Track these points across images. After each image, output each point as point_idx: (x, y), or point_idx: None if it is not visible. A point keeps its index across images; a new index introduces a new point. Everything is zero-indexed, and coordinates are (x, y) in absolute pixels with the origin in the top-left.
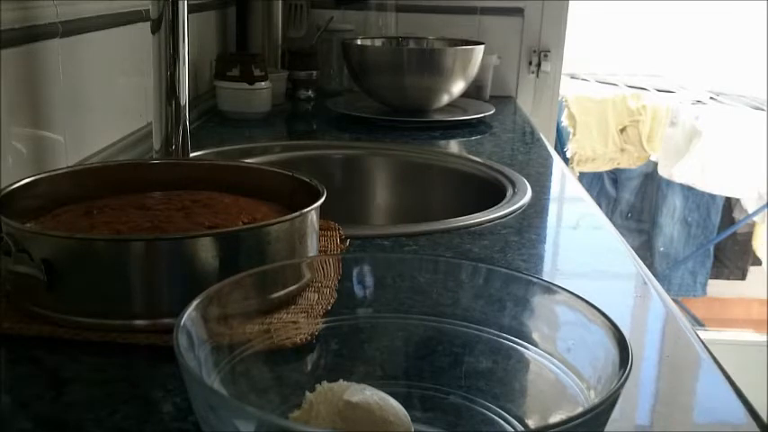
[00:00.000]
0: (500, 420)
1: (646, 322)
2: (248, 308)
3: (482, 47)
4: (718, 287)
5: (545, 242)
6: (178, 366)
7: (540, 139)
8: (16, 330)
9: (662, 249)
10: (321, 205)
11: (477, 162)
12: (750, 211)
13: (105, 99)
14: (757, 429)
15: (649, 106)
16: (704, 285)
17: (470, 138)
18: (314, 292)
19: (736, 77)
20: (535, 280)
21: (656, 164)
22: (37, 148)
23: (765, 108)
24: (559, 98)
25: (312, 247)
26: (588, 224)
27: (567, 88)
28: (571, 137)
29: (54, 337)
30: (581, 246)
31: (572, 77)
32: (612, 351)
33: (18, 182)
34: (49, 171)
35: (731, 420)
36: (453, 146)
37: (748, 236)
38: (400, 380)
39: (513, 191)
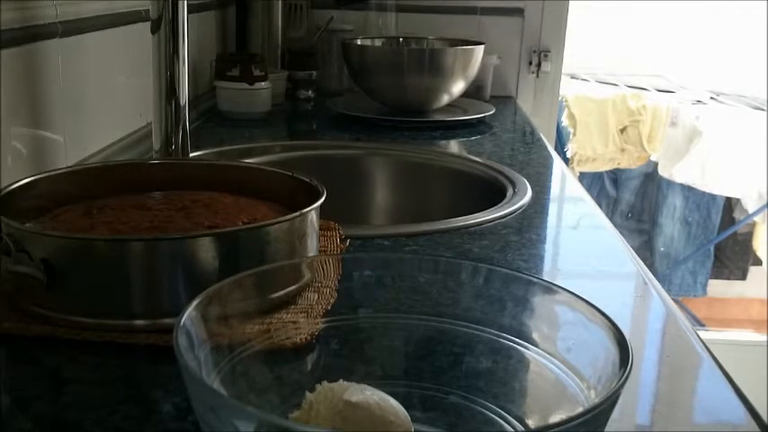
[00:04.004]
0: (500, 420)
1: (646, 322)
2: (248, 308)
3: (482, 47)
4: (718, 287)
5: (545, 242)
6: (178, 366)
7: (540, 139)
8: (16, 330)
9: (662, 249)
10: (321, 205)
11: (477, 162)
12: (750, 211)
13: (105, 99)
14: (757, 429)
15: (649, 106)
16: (704, 285)
17: (470, 138)
18: (314, 292)
19: (736, 77)
20: (535, 280)
21: (656, 164)
22: (37, 148)
23: (765, 108)
24: (559, 98)
25: (312, 247)
26: (588, 224)
27: (567, 88)
28: (571, 137)
29: (54, 337)
30: (581, 246)
31: (572, 77)
32: (612, 351)
33: (18, 182)
34: (49, 171)
35: (731, 420)
36: (453, 146)
37: (749, 236)
38: (400, 380)
39: (513, 191)
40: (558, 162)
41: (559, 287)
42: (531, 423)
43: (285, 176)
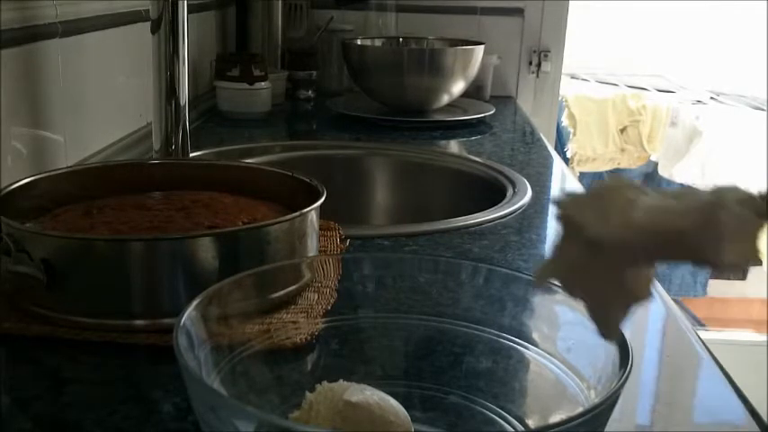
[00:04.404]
0: (500, 420)
1: (646, 322)
2: (248, 308)
3: (482, 47)
4: (718, 287)
5: (545, 242)
6: (178, 366)
7: (540, 139)
8: (16, 330)
9: None
10: (321, 205)
11: (477, 162)
12: None
13: (105, 99)
14: (757, 429)
15: (649, 106)
16: (704, 285)
17: (470, 138)
18: (314, 292)
19: (736, 77)
20: None
21: (656, 164)
22: (37, 148)
23: (765, 108)
24: (559, 98)
25: (312, 247)
26: None
27: (567, 88)
28: (571, 137)
29: (54, 337)
30: None
31: (572, 77)
32: (613, 351)
33: (18, 182)
34: (49, 171)
35: (731, 420)
36: (453, 146)
37: None
38: (400, 380)
39: (513, 191)
40: (558, 162)
41: (559, 287)
42: (531, 423)
43: (285, 176)
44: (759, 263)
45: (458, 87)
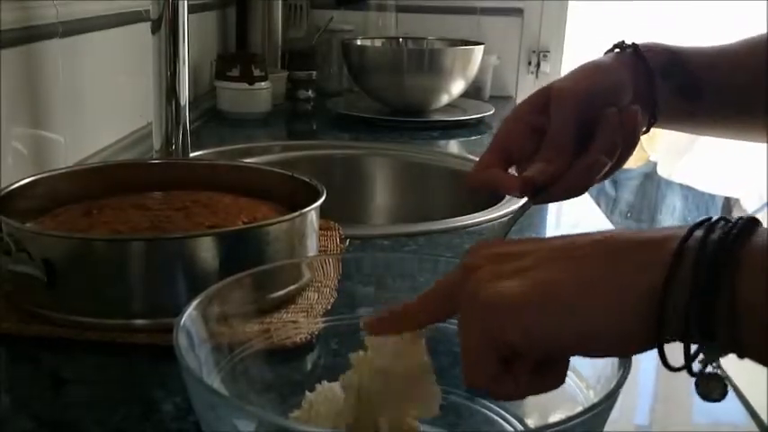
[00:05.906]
0: (500, 420)
1: None
2: (248, 307)
3: (481, 47)
4: None
5: None
6: (178, 366)
7: None
8: (16, 330)
9: None
10: (321, 205)
11: (476, 162)
12: (750, 211)
13: (105, 99)
14: (757, 429)
15: None
16: None
17: (470, 138)
18: (314, 291)
19: None
20: None
21: (655, 164)
22: (37, 148)
23: None
24: None
25: (312, 246)
26: (588, 224)
27: None
28: None
29: (54, 336)
30: None
31: None
32: None
33: (18, 182)
34: (49, 171)
35: (731, 420)
36: (453, 146)
37: None
38: None
39: None
40: None
41: None
42: (531, 422)
43: (285, 176)
44: None
45: (457, 87)
